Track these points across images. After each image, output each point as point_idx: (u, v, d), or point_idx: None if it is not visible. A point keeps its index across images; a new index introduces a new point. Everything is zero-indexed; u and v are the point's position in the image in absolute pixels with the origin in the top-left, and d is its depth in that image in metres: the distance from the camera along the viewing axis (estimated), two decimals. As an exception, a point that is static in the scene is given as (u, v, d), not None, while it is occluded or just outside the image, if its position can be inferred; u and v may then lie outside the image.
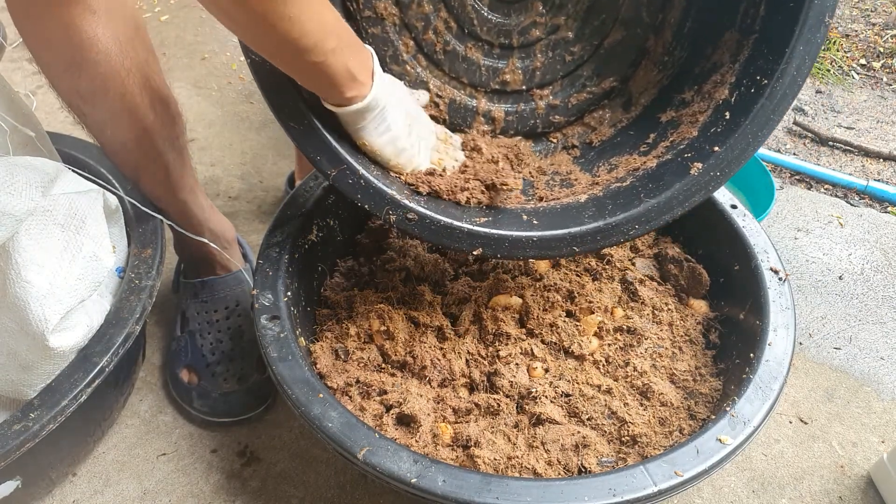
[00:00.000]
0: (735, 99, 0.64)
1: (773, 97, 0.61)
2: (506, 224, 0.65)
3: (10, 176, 0.58)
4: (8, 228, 0.57)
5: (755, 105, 0.62)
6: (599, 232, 0.64)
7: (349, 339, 0.69)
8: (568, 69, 0.74)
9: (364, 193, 0.62)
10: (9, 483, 0.60)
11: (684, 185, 0.63)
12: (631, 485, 0.51)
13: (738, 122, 0.63)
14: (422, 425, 0.61)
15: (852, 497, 0.72)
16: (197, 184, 0.81)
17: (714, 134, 0.64)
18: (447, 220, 0.63)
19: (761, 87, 0.62)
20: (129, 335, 0.65)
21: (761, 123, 0.62)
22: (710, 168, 0.63)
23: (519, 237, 0.64)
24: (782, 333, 0.63)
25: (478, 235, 0.63)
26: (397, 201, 0.62)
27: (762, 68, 0.62)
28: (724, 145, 0.63)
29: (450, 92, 0.75)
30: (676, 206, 0.64)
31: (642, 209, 0.64)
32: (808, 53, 0.60)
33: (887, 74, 1.43)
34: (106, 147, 0.73)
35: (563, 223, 0.65)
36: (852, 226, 1.06)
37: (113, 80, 0.65)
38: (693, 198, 0.64)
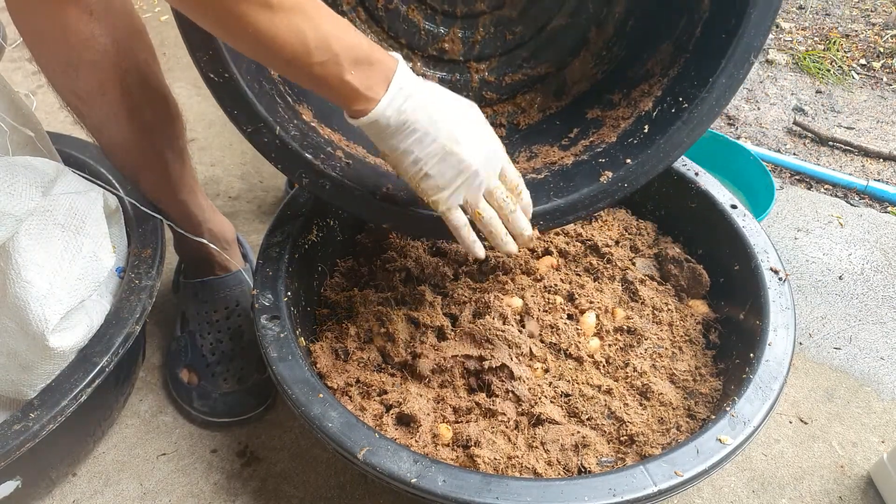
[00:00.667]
0: (656, 114, 0.65)
1: (690, 122, 0.63)
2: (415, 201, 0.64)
3: (10, 176, 0.58)
4: (8, 228, 0.57)
5: (672, 126, 0.63)
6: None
7: (349, 339, 0.69)
8: (507, 47, 0.74)
9: (279, 154, 0.61)
10: (9, 483, 0.61)
11: (591, 191, 0.65)
12: (631, 485, 0.51)
13: (653, 139, 0.64)
14: (422, 425, 0.61)
15: (852, 497, 0.72)
16: (197, 184, 0.81)
17: (630, 144, 0.66)
18: (360, 190, 0.63)
19: (681, 109, 0.63)
20: (129, 335, 0.65)
21: (675, 144, 0.63)
22: (618, 178, 0.65)
23: (425, 215, 0.64)
24: (782, 333, 0.63)
25: (388, 211, 0.64)
26: (312, 165, 0.61)
27: (686, 91, 0.64)
28: (636, 159, 0.65)
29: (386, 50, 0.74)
30: (581, 209, 0.66)
31: (549, 207, 0.66)
32: (730, 87, 0.61)
33: (887, 74, 1.43)
34: (105, 147, 0.73)
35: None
36: (852, 226, 1.06)
37: (111, 80, 0.65)
38: (598, 203, 0.66)
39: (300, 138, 0.62)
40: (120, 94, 0.66)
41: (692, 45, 0.64)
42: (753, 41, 0.60)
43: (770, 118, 1.31)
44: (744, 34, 0.59)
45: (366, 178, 0.64)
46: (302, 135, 0.62)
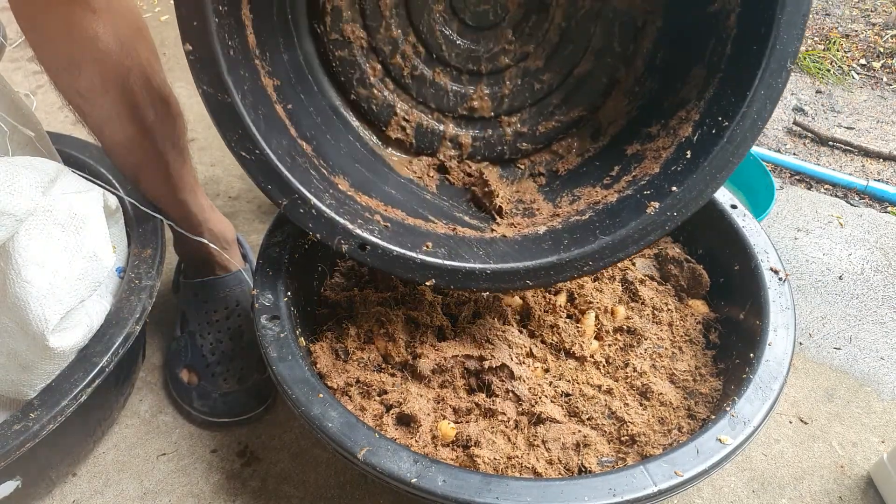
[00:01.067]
0: (697, 138, 0.63)
1: (734, 140, 0.60)
2: (460, 255, 0.65)
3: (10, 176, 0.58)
4: (8, 228, 0.57)
5: (715, 146, 0.61)
6: (553, 267, 0.64)
7: (349, 339, 0.69)
8: (536, 97, 0.73)
9: (316, 223, 0.62)
10: (9, 483, 0.61)
11: (639, 224, 0.63)
12: (631, 485, 0.51)
13: (697, 163, 0.62)
14: (422, 425, 0.61)
15: (852, 497, 0.72)
16: (197, 184, 0.81)
17: (674, 172, 0.64)
18: (400, 251, 0.63)
19: (722, 129, 0.61)
20: (129, 335, 0.65)
21: (720, 166, 0.61)
22: (666, 208, 0.63)
23: (472, 269, 0.64)
24: (782, 333, 0.63)
25: (431, 266, 0.63)
26: (349, 231, 0.62)
27: (725, 109, 0.61)
28: (682, 185, 0.62)
29: (416, 116, 0.74)
30: (631, 244, 0.63)
31: (596, 246, 0.63)
32: (770, 98, 0.59)
33: (887, 74, 1.43)
34: (106, 146, 0.73)
35: (518, 256, 0.65)
36: (852, 226, 1.06)
37: (113, 79, 0.65)
38: (648, 237, 0.63)
39: (336, 206, 0.63)
40: (122, 92, 0.66)
41: (724, 64, 0.62)
42: (787, 47, 0.58)
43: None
44: (776, 41, 0.57)
45: (404, 239, 0.65)
46: (338, 203, 0.63)
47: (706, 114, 0.63)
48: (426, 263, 0.64)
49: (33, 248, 0.59)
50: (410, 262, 0.63)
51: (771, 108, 0.60)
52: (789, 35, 0.57)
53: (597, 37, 0.70)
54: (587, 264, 0.64)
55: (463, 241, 0.67)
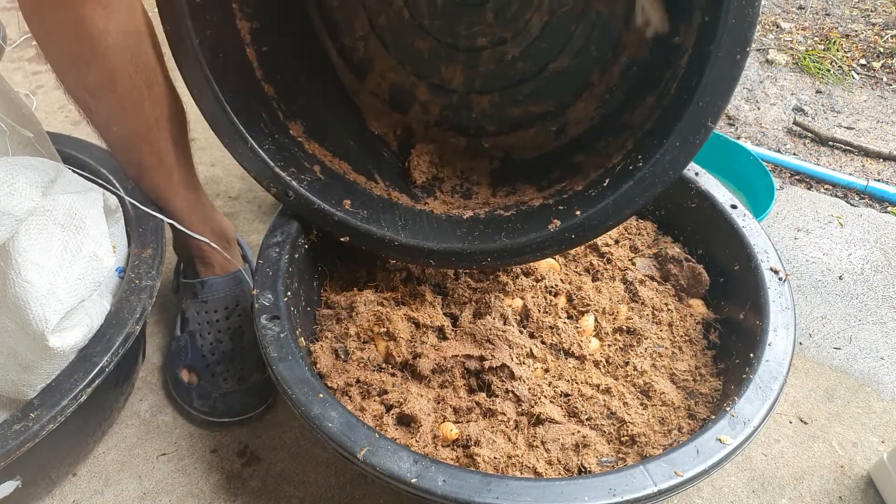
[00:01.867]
0: (619, 168, 0.63)
1: (642, 182, 0.60)
2: (378, 221, 0.68)
3: (10, 176, 0.58)
4: (8, 228, 0.57)
5: (624, 183, 0.61)
6: (455, 254, 0.67)
7: (349, 339, 0.69)
8: (508, 82, 0.75)
9: (251, 163, 0.66)
10: (9, 483, 0.60)
11: (538, 236, 0.65)
12: (631, 485, 0.51)
13: (605, 195, 0.63)
14: (422, 425, 0.61)
15: (852, 497, 0.72)
16: (198, 182, 0.81)
17: (587, 196, 0.65)
18: (321, 205, 0.67)
19: (637, 168, 0.61)
20: (129, 335, 0.65)
21: (623, 203, 0.61)
22: (566, 228, 0.64)
23: (383, 237, 0.68)
24: (782, 333, 0.63)
25: (347, 225, 0.67)
26: (278, 176, 0.66)
27: (646, 148, 0.61)
28: (585, 212, 0.63)
29: (393, 76, 0.77)
30: (528, 253, 0.66)
31: (497, 245, 0.66)
32: (684, 151, 0.58)
33: (887, 74, 1.43)
34: (110, 143, 0.73)
35: (431, 235, 0.68)
36: (852, 226, 1.06)
37: (121, 74, 0.65)
38: (545, 251, 0.66)
39: (275, 151, 0.67)
40: (129, 88, 0.66)
41: (667, 101, 0.62)
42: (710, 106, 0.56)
43: (770, 118, 1.31)
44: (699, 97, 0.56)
45: (333, 193, 0.68)
46: (279, 148, 0.67)
47: (636, 147, 0.63)
48: (342, 221, 0.68)
49: (33, 249, 0.59)
50: (329, 217, 0.68)
51: (684, 161, 0.59)
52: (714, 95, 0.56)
53: (577, 37, 0.71)
54: (486, 259, 0.67)
55: (391, 206, 0.71)
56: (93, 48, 0.63)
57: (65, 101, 1.23)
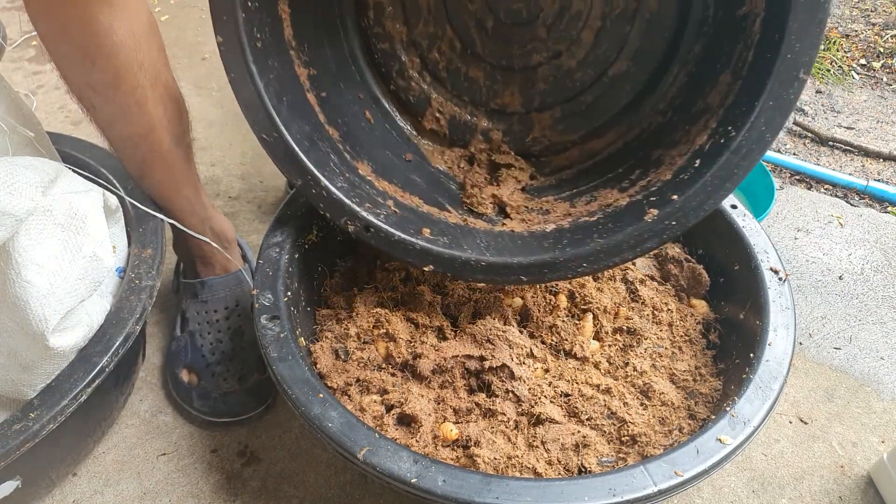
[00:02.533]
0: (709, 147, 0.62)
1: (738, 151, 0.59)
2: (459, 245, 0.67)
3: (10, 176, 0.58)
4: (8, 228, 0.57)
5: (720, 157, 0.60)
6: (547, 265, 0.65)
7: (349, 339, 0.69)
8: (568, 94, 0.74)
9: (325, 203, 0.66)
10: (9, 483, 0.60)
11: (636, 230, 0.63)
12: (631, 485, 0.51)
13: (701, 173, 0.61)
14: (422, 425, 0.61)
15: (852, 497, 0.72)
16: (199, 182, 0.81)
17: (681, 181, 0.63)
18: (401, 236, 0.66)
19: (729, 139, 0.59)
20: (129, 335, 0.65)
21: (723, 177, 0.60)
22: (664, 216, 0.62)
23: (468, 259, 0.66)
24: (782, 333, 0.63)
25: (429, 253, 0.66)
26: (356, 213, 0.66)
27: (735, 119, 0.59)
28: (683, 195, 0.61)
29: (451, 108, 0.77)
30: (627, 249, 0.63)
31: (590, 248, 0.64)
32: (779, 109, 0.57)
33: (887, 74, 1.43)
34: (113, 141, 0.73)
35: (517, 251, 0.67)
36: (852, 226, 1.06)
37: (126, 72, 0.66)
38: (645, 244, 0.63)
39: (348, 189, 0.67)
40: (133, 86, 0.67)
41: (745, 70, 0.60)
42: (800, 56, 0.55)
43: (770, 118, 1.31)
44: (787, 50, 0.55)
45: (410, 225, 0.68)
46: (351, 186, 0.67)
47: (721, 122, 0.62)
48: (425, 249, 0.66)
49: (33, 249, 0.59)
50: (410, 247, 0.66)
51: (781, 119, 0.57)
52: (802, 44, 0.55)
53: (632, 38, 0.70)
54: (581, 265, 0.64)
55: (469, 231, 0.69)
56: (99, 46, 0.63)
57: (65, 101, 1.23)
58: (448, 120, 0.77)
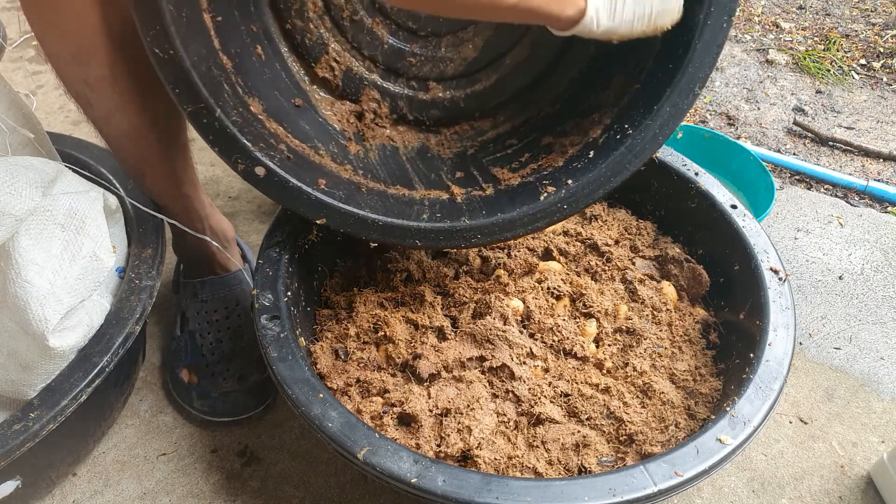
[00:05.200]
0: (602, 140, 0.68)
1: (633, 148, 0.65)
2: (355, 201, 0.67)
3: (10, 176, 0.58)
4: (8, 228, 0.57)
5: (615, 151, 0.66)
6: (442, 233, 0.67)
7: (349, 339, 0.69)
8: (468, 70, 0.75)
9: (217, 137, 0.62)
10: (9, 483, 0.61)
11: (531, 209, 0.67)
12: (631, 485, 0.51)
13: (596, 163, 0.67)
14: (422, 425, 0.61)
15: (852, 497, 0.72)
16: (198, 181, 0.81)
17: (574, 168, 0.68)
18: (297, 184, 0.64)
19: (626, 136, 0.66)
20: (129, 335, 0.65)
21: (616, 170, 0.66)
22: (557, 199, 0.67)
23: (365, 217, 0.66)
24: (782, 333, 0.63)
25: (324, 205, 0.65)
26: (249, 152, 0.63)
27: (632, 119, 0.66)
28: (578, 181, 0.67)
29: (348, 59, 0.74)
30: (520, 226, 0.67)
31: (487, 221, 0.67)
32: (673, 116, 0.64)
33: (887, 74, 1.43)
34: (111, 139, 0.73)
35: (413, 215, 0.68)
36: (852, 226, 1.06)
37: (122, 68, 0.66)
38: (537, 222, 0.67)
39: (241, 125, 0.62)
40: (129, 82, 0.67)
41: (643, 76, 0.67)
42: (698, 72, 0.63)
43: (770, 118, 1.31)
44: (689, 65, 0.62)
45: (304, 174, 0.66)
46: (244, 122, 0.63)
47: (616, 120, 0.68)
48: (320, 201, 0.65)
49: (33, 248, 0.59)
50: (305, 197, 0.65)
51: (673, 125, 0.64)
52: (702, 61, 0.62)
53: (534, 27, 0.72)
54: (475, 236, 0.68)
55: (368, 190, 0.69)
56: (94, 42, 0.63)
57: (65, 101, 1.23)
58: (343, 71, 0.74)
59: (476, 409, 0.63)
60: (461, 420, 0.61)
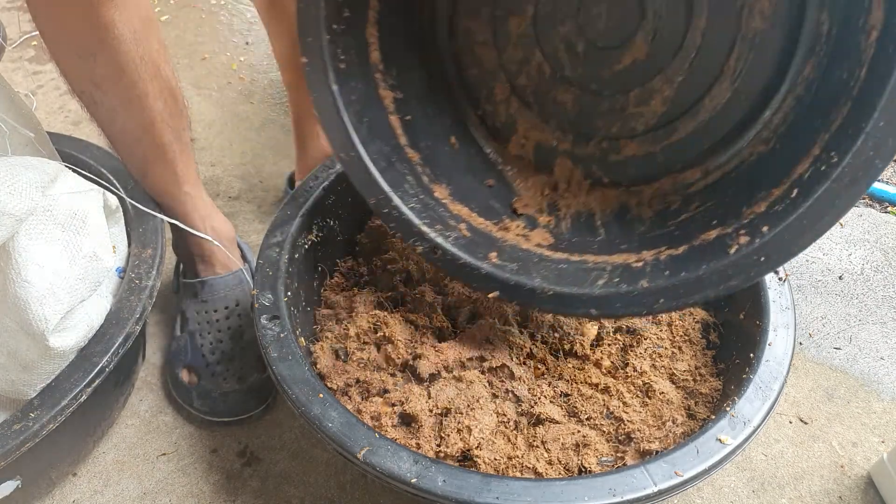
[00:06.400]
0: (808, 175, 0.54)
1: (841, 179, 0.50)
2: (528, 272, 0.65)
3: (10, 176, 0.58)
4: (8, 228, 0.57)
5: (819, 186, 0.51)
6: (620, 298, 0.60)
7: (349, 339, 0.69)
8: (661, 122, 0.68)
9: (396, 222, 0.68)
10: (9, 483, 0.61)
11: (720, 265, 0.56)
12: (631, 485, 0.51)
13: (797, 204, 0.53)
14: (422, 425, 0.61)
15: (852, 497, 0.72)
16: (199, 180, 0.82)
17: (774, 213, 0.55)
18: (467, 259, 0.66)
19: (831, 166, 0.51)
20: (129, 335, 0.65)
21: (821, 211, 0.52)
22: (751, 251, 0.55)
23: (534, 288, 0.63)
24: (782, 333, 0.63)
25: (495, 279, 0.65)
26: (424, 234, 0.67)
27: (839, 144, 0.51)
28: (774, 228, 0.54)
29: (537, 134, 0.74)
30: (709, 286, 0.56)
31: (669, 283, 0.58)
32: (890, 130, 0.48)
33: (887, 74, 1.43)
34: (114, 137, 0.73)
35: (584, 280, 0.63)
36: (852, 226, 1.06)
37: (127, 66, 0.66)
38: (730, 281, 0.56)
39: (419, 210, 0.68)
40: (134, 80, 0.67)
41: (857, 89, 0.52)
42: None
43: (770, 118, 1.31)
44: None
45: (477, 249, 0.67)
46: (423, 207, 0.68)
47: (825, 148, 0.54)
48: (490, 275, 0.66)
49: (33, 248, 0.59)
50: (475, 272, 0.66)
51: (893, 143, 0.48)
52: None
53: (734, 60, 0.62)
54: (657, 301, 0.59)
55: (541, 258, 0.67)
56: (100, 40, 0.64)
57: (65, 102, 1.23)
58: (534, 145, 0.74)
59: (476, 409, 0.63)
60: (461, 420, 0.61)
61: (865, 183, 0.50)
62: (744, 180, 0.63)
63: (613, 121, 0.70)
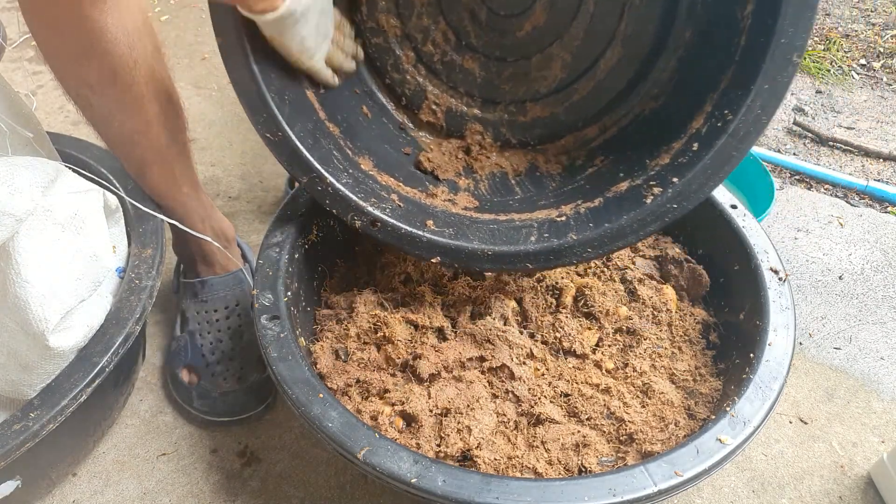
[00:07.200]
0: (706, 130, 0.63)
1: (736, 134, 0.60)
2: (465, 235, 0.68)
3: (11, 176, 0.58)
4: (8, 228, 0.57)
5: (717, 140, 0.61)
6: (553, 252, 0.66)
7: (349, 339, 0.69)
8: (561, 84, 0.75)
9: (332, 199, 0.67)
10: (9, 483, 0.61)
11: (639, 214, 0.64)
12: (631, 485, 0.51)
13: (700, 156, 0.62)
14: (423, 425, 0.61)
15: (852, 497, 0.72)
16: (198, 181, 0.81)
17: (679, 164, 0.64)
18: (408, 229, 0.67)
19: (727, 122, 0.61)
20: (129, 335, 0.65)
21: (722, 160, 0.61)
22: (665, 200, 0.63)
23: (475, 249, 0.67)
24: (782, 333, 0.63)
25: (436, 245, 0.67)
26: (362, 208, 0.67)
27: (731, 103, 0.61)
28: (683, 178, 0.63)
29: (447, 100, 0.78)
30: (630, 233, 0.64)
31: (595, 233, 0.65)
32: (774, 93, 0.58)
33: (887, 74, 1.43)
34: (110, 140, 0.73)
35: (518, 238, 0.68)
36: (852, 226, 1.06)
37: (121, 69, 0.66)
38: (648, 227, 0.64)
39: (353, 185, 0.68)
40: (129, 83, 0.67)
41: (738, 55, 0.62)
42: (793, 40, 0.56)
43: (770, 118, 1.31)
44: (781, 34, 0.56)
45: (416, 218, 0.69)
46: (355, 182, 0.69)
47: (716, 106, 0.63)
48: (431, 241, 0.67)
49: (33, 249, 0.59)
50: (417, 240, 0.68)
51: (776, 102, 0.59)
52: (795, 28, 0.56)
53: (623, 26, 0.71)
54: (586, 251, 0.66)
55: (474, 221, 0.70)
56: (94, 43, 0.63)
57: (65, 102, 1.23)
58: (444, 112, 0.78)
59: (476, 409, 0.63)
60: (461, 420, 0.61)
61: (755, 136, 0.61)
62: (642, 134, 0.72)
63: (518, 85, 0.76)
